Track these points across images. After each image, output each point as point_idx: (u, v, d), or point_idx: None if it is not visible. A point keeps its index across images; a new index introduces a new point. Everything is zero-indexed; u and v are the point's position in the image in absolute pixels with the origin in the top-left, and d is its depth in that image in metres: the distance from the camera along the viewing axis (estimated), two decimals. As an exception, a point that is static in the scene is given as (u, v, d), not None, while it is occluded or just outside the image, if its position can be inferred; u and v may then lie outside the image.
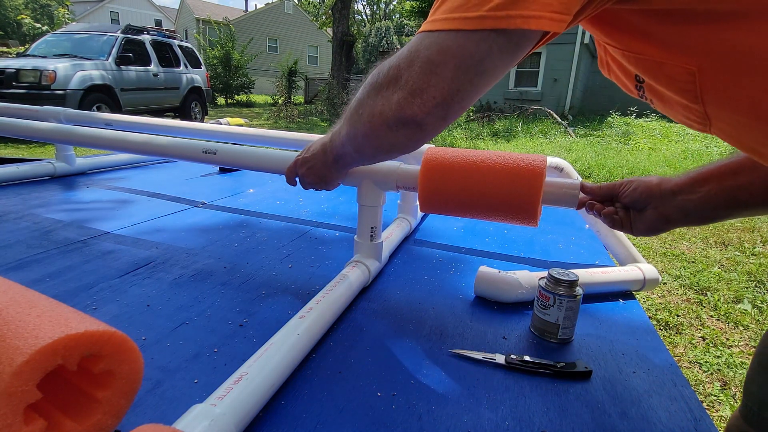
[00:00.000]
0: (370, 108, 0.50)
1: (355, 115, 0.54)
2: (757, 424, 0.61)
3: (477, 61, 0.41)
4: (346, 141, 0.59)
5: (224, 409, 0.44)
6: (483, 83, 0.44)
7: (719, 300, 2.32)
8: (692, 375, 1.74)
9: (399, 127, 0.48)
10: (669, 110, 0.50)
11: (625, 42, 0.45)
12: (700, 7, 0.37)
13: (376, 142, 0.53)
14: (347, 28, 11.45)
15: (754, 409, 0.62)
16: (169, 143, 1.03)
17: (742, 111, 0.41)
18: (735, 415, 0.66)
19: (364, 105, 0.52)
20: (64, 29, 7.34)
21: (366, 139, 0.54)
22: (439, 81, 0.43)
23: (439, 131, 0.49)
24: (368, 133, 0.52)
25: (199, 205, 1.31)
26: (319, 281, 0.84)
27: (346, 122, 0.57)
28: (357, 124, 0.54)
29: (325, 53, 23.41)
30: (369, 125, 0.51)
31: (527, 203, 0.67)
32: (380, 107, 0.48)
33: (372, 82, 0.50)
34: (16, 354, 0.31)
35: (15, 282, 0.42)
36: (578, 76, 10.07)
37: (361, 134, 0.54)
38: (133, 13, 25.91)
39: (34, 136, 1.25)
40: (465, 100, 0.45)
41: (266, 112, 11.96)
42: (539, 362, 0.61)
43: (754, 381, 0.63)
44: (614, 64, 0.52)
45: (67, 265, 0.86)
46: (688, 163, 5.69)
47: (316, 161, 0.71)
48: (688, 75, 0.41)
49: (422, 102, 0.44)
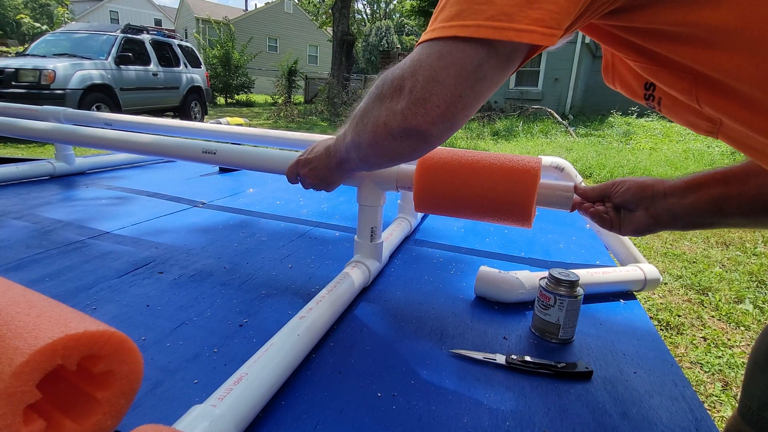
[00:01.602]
0: (374, 118, 0.51)
1: (360, 124, 0.54)
2: (757, 424, 0.61)
3: (476, 66, 0.42)
4: (351, 148, 0.60)
5: (224, 409, 0.44)
6: (484, 89, 0.44)
7: (720, 300, 2.32)
8: (693, 375, 1.74)
9: (404, 138, 0.48)
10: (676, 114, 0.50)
11: (622, 51, 0.46)
12: (678, 29, 0.39)
13: (380, 152, 0.54)
14: (347, 27, 11.44)
15: (754, 409, 0.62)
16: (169, 143, 1.03)
17: (739, 122, 0.42)
18: (734, 416, 0.66)
19: (368, 114, 0.52)
20: (64, 29, 7.33)
21: (371, 149, 0.54)
22: (441, 89, 0.43)
23: (444, 140, 0.49)
24: (373, 142, 0.53)
25: (198, 205, 1.31)
26: (319, 281, 0.84)
27: (351, 130, 0.57)
28: (362, 133, 0.54)
29: (325, 53, 23.40)
30: (373, 135, 0.52)
31: (521, 205, 0.67)
32: (384, 118, 0.49)
33: (377, 93, 0.51)
34: (15, 354, 0.31)
35: (14, 282, 0.42)
36: (579, 75, 10.07)
37: (366, 143, 0.54)
38: (132, 13, 25.90)
39: (33, 136, 1.25)
40: (468, 107, 0.45)
41: (266, 112, 11.96)
42: (540, 362, 0.61)
43: (754, 380, 0.63)
44: (623, 67, 0.52)
45: (67, 265, 0.85)
46: (689, 163, 5.69)
47: (318, 163, 0.71)
48: (687, 84, 0.42)
49: (425, 111, 0.45)
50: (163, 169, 1.79)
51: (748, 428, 0.62)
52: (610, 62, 0.55)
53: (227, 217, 1.21)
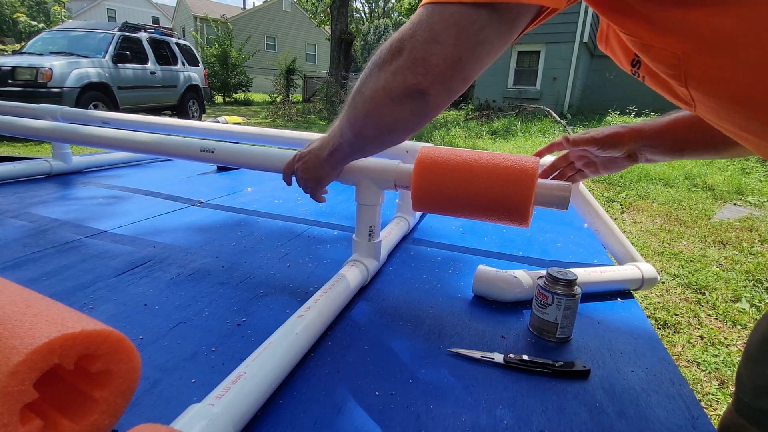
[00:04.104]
0: (373, 84, 0.50)
1: (357, 95, 0.53)
2: (750, 416, 0.63)
3: (477, 30, 0.42)
4: (345, 128, 0.58)
5: (222, 408, 0.44)
6: (484, 54, 0.44)
7: (717, 299, 2.33)
8: (690, 374, 1.75)
9: (404, 99, 0.48)
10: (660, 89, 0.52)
11: (619, 22, 0.46)
12: None
13: (378, 121, 0.53)
14: (346, 26, 11.43)
15: (746, 401, 0.63)
16: (167, 141, 1.02)
17: (723, 95, 0.43)
18: (728, 409, 0.67)
19: (366, 83, 0.51)
20: (61, 27, 7.30)
21: (368, 118, 0.53)
22: (441, 49, 0.43)
23: (442, 107, 0.49)
24: (371, 110, 0.52)
25: (196, 204, 1.30)
26: (317, 280, 0.84)
27: (347, 109, 0.57)
28: (359, 104, 0.53)
29: (323, 51, 23.36)
30: (372, 102, 0.51)
31: (519, 205, 0.67)
32: (383, 81, 0.48)
33: (375, 61, 0.50)
34: (12, 353, 0.31)
35: (11, 281, 0.42)
36: (577, 75, 10.08)
37: (363, 113, 0.53)
38: (130, 11, 25.81)
39: (30, 135, 1.25)
40: (466, 70, 0.45)
41: (264, 111, 11.94)
42: (538, 361, 0.61)
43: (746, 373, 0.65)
44: (615, 39, 0.53)
45: (64, 264, 0.85)
46: (686, 162, 5.70)
47: (311, 156, 0.71)
48: (674, 59, 0.43)
49: (425, 70, 0.45)
50: (161, 168, 1.79)
51: (743, 421, 0.63)
52: (605, 32, 0.55)
53: (225, 216, 1.21)
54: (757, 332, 0.65)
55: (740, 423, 0.64)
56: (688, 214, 3.86)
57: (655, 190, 4.63)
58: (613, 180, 5.01)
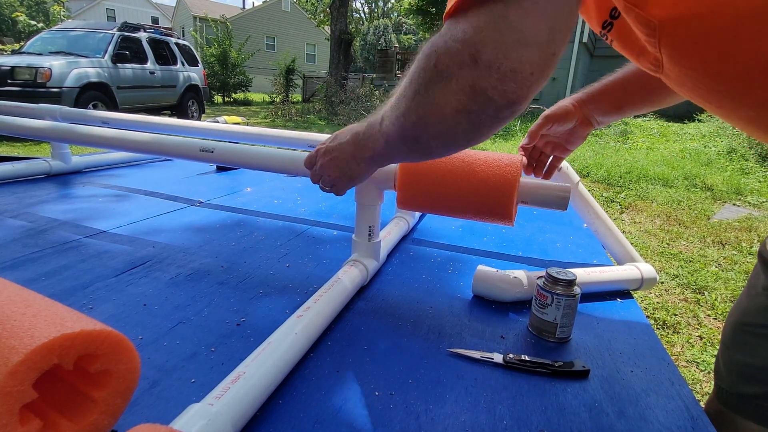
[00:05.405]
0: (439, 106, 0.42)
1: (411, 113, 0.45)
2: (727, 401, 0.65)
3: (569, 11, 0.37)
4: (396, 139, 0.50)
5: (221, 408, 0.44)
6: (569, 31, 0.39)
7: (717, 299, 2.33)
8: (690, 374, 1.75)
9: (494, 121, 0.41)
10: (627, 53, 0.54)
11: None
12: None
13: (452, 137, 0.45)
14: (345, 26, 11.43)
15: (724, 387, 0.66)
16: (166, 141, 1.02)
17: (694, 65, 0.45)
18: (711, 398, 0.71)
19: (423, 102, 0.43)
20: (60, 26, 7.30)
21: (438, 138, 0.46)
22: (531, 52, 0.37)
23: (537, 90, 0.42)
24: (444, 131, 0.44)
25: (196, 204, 1.30)
26: (316, 280, 0.84)
27: (396, 117, 0.48)
28: (419, 124, 0.45)
29: (322, 51, 23.35)
30: (441, 125, 0.43)
31: (501, 203, 0.67)
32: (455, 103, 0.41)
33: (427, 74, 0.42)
34: (11, 353, 0.31)
35: (10, 281, 0.42)
36: (577, 75, 10.09)
37: (431, 134, 0.46)
38: (129, 11, 25.80)
39: (29, 135, 1.25)
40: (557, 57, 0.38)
41: (264, 111, 11.94)
42: (537, 361, 0.61)
43: (721, 360, 0.68)
44: None
45: (63, 264, 0.85)
46: (685, 162, 5.71)
47: (342, 152, 0.60)
48: (650, 28, 0.44)
49: (518, 85, 0.38)
50: (161, 168, 1.78)
51: (722, 407, 0.66)
52: None
53: (225, 216, 1.21)
54: (729, 321, 0.68)
55: (720, 409, 0.67)
56: (688, 214, 3.87)
57: (654, 190, 4.63)
58: (613, 180, 5.02)
